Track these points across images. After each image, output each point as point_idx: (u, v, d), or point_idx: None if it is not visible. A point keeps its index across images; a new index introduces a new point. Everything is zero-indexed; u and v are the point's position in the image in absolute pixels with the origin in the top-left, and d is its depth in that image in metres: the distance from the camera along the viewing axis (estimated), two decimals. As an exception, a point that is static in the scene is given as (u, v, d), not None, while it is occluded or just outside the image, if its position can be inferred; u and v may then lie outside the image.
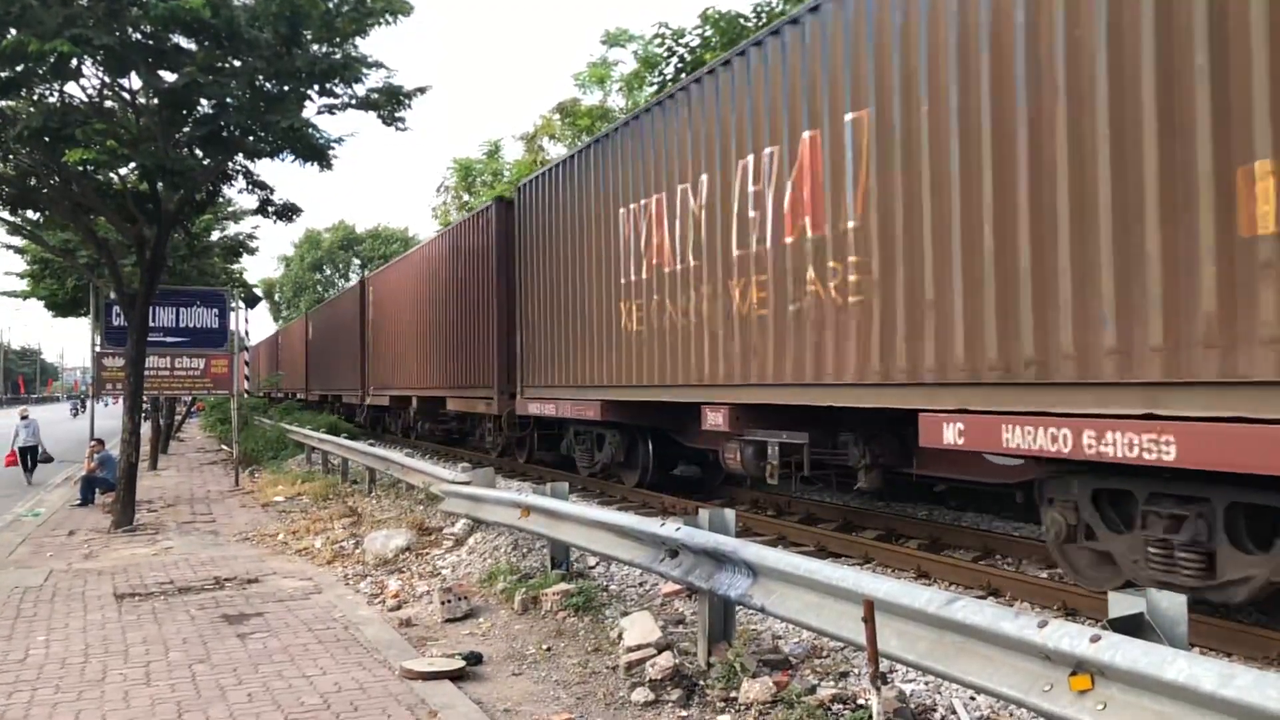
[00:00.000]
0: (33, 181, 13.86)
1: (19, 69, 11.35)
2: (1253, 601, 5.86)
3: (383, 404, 26.05)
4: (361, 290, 28.78)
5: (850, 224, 8.11)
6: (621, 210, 12.21)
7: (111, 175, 14.28)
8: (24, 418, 22.38)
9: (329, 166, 13.69)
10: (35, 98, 12.65)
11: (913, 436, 7.47)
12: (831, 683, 5.47)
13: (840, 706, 5.04)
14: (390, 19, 12.57)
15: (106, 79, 12.53)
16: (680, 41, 22.18)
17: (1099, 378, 5.97)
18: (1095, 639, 3.35)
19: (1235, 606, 6.02)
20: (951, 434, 6.92)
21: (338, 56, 12.64)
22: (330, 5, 12.14)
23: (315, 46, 12.54)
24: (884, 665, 4.75)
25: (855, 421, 8.97)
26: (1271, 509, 5.55)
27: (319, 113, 13.31)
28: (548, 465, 16.40)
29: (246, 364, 26.23)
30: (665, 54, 22.95)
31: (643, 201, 11.68)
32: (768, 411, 9.66)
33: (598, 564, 8.69)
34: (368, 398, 27.25)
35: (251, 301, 31.01)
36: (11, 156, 13.49)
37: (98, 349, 18.55)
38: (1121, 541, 6.42)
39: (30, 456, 21.39)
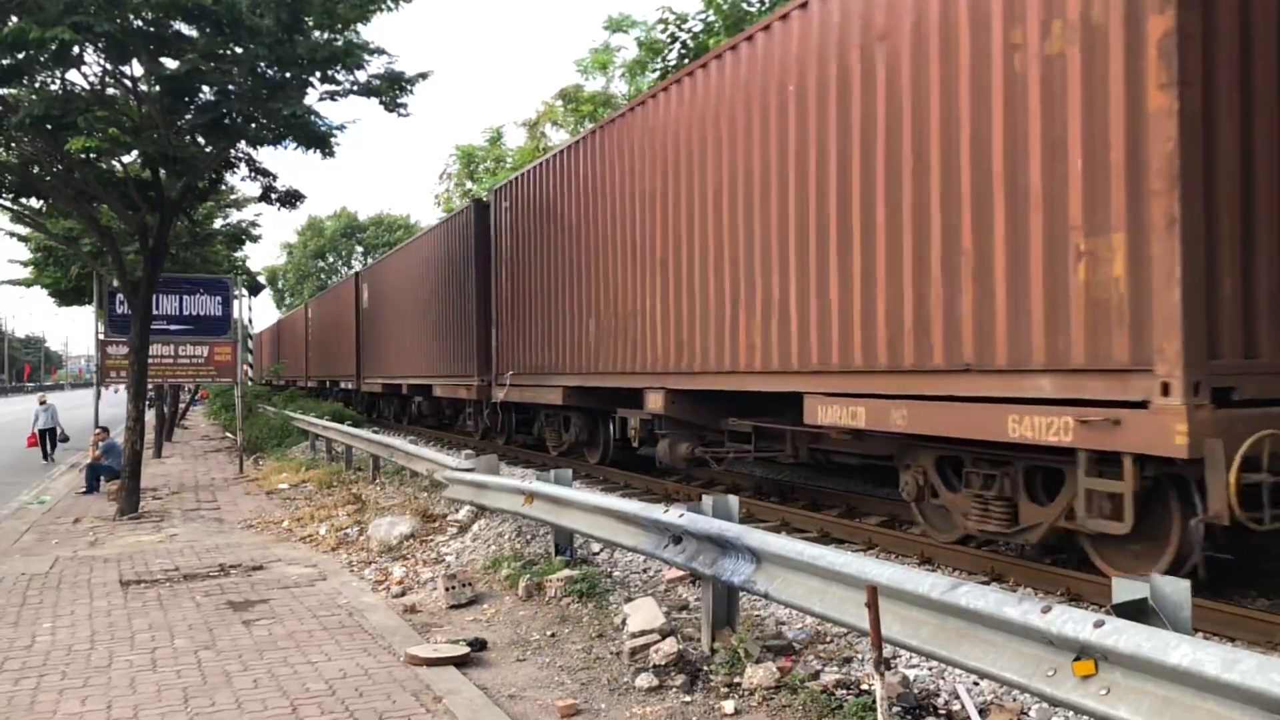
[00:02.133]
0: (35, 169, 13.84)
1: (20, 56, 11.32)
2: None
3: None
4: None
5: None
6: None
7: (114, 163, 14.25)
8: (43, 403, 24.53)
9: (331, 153, 13.65)
10: (37, 85, 12.63)
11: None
12: (835, 668, 5.48)
13: (844, 692, 5.05)
14: (392, 5, 12.52)
15: (108, 66, 12.50)
16: (683, 26, 22.07)
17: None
18: (1099, 624, 3.35)
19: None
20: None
21: (339, 43, 12.60)
22: (331, -9, 12.11)
23: (317, 33, 12.49)
24: (887, 651, 4.76)
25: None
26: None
27: (321, 99, 13.32)
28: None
29: (250, 351, 26.54)
30: (668, 39, 22.84)
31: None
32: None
33: (601, 550, 8.70)
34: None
35: (254, 289, 31.12)
36: (14, 144, 13.48)
37: (101, 337, 18.57)
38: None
39: (49, 438, 23.59)
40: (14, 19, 10.73)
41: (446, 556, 9.46)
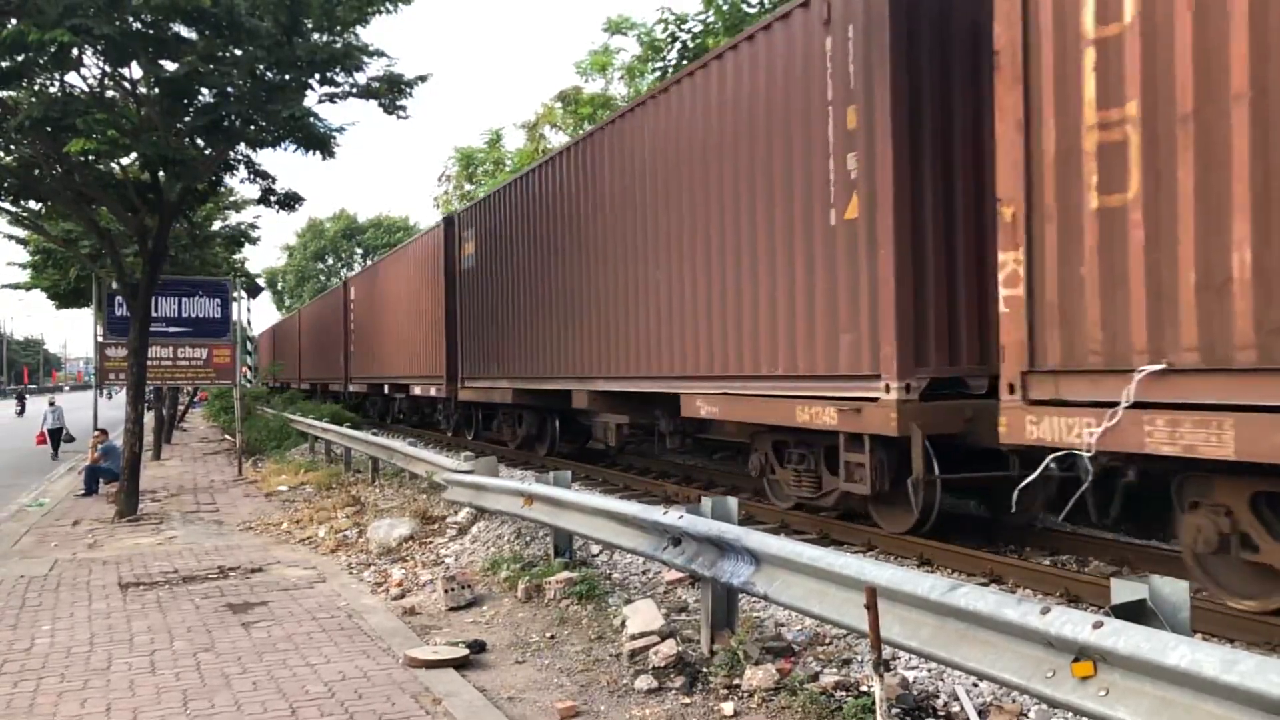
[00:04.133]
0: (35, 172, 13.84)
1: (19, 59, 11.32)
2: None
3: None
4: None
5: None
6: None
7: (113, 165, 14.25)
8: (52, 404, 26.44)
9: (331, 155, 13.66)
10: (36, 88, 12.63)
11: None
12: (834, 670, 5.48)
13: (843, 694, 5.05)
14: (391, 7, 12.53)
15: (107, 68, 12.50)
16: (683, 27, 22.07)
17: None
18: (1098, 625, 3.35)
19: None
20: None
21: (338, 45, 12.60)
22: (330, -6, 12.12)
23: (316, 35, 12.50)
24: (887, 652, 4.76)
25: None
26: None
27: (320, 102, 13.28)
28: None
29: (250, 354, 26.85)
30: (668, 40, 22.84)
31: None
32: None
33: (600, 552, 8.70)
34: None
35: (254, 291, 31.30)
36: (13, 147, 13.48)
37: (100, 339, 18.56)
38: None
39: (56, 437, 25.47)
40: (13, 21, 10.73)
41: (446, 558, 9.46)
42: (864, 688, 5.08)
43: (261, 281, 43.70)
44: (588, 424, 15.72)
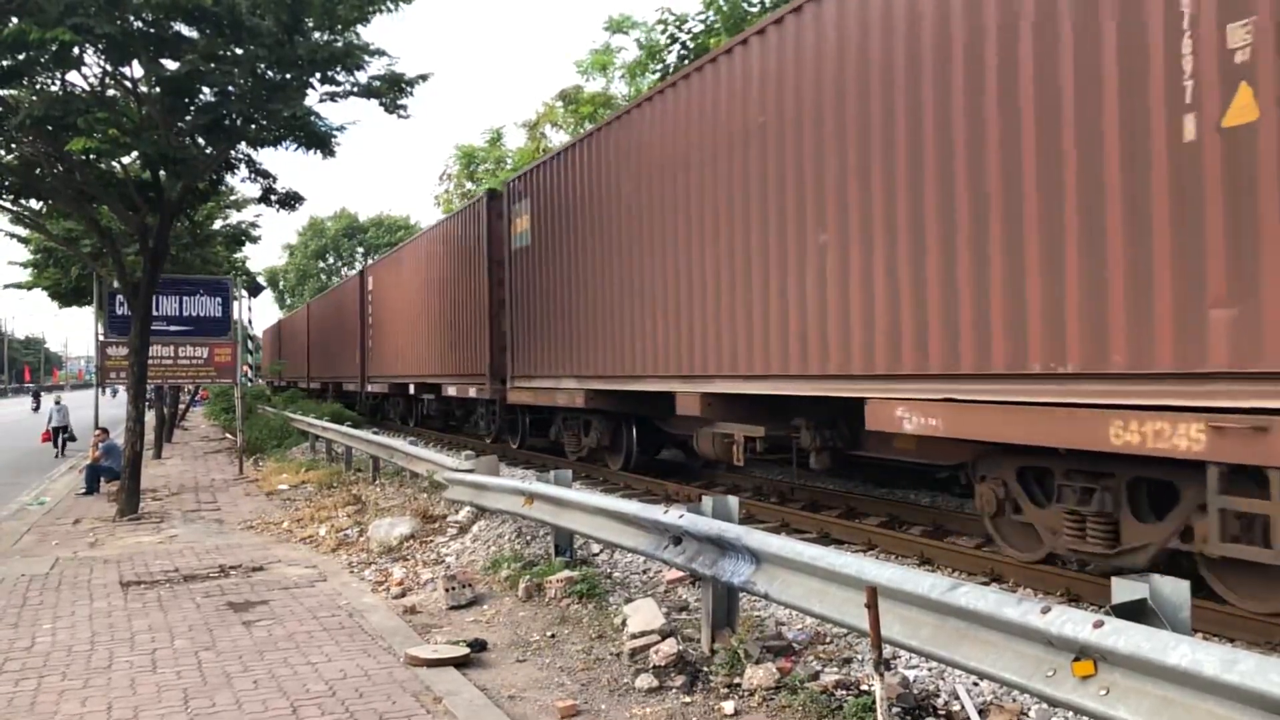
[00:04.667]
0: (36, 170, 13.84)
1: (20, 58, 11.31)
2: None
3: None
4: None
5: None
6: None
7: (114, 164, 14.24)
8: (57, 403, 26.74)
9: (331, 154, 13.67)
10: (37, 86, 12.63)
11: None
12: (835, 669, 5.48)
13: (843, 692, 5.05)
14: (392, 6, 12.51)
15: (108, 67, 12.50)
16: (683, 27, 22.07)
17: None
18: (1098, 624, 3.36)
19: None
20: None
21: (339, 44, 12.60)
22: (331, -7, 12.12)
23: (317, 34, 12.49)
24: (887, 651, 4.77)
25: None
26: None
27: (321, 100, 13.28)
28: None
29: (251, 353, 26.77)
30: (668, 40, 22.84)
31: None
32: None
33: (601, 551, 8.70)
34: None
35: (254, 290, 31.27)
36: (14, 146, 13.48)
37: (101, 338, 18.57)
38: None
39: (61, 435, 25.79)
40: (14, 20, 10.73)
41: (446, 557, 9.47)
42: (864, 687, 5.08)
43: (262, 280, 43.64)
44: (678, 434, 13.04)
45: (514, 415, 17.92)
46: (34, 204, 15.81)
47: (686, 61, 20.31)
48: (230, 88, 12.27)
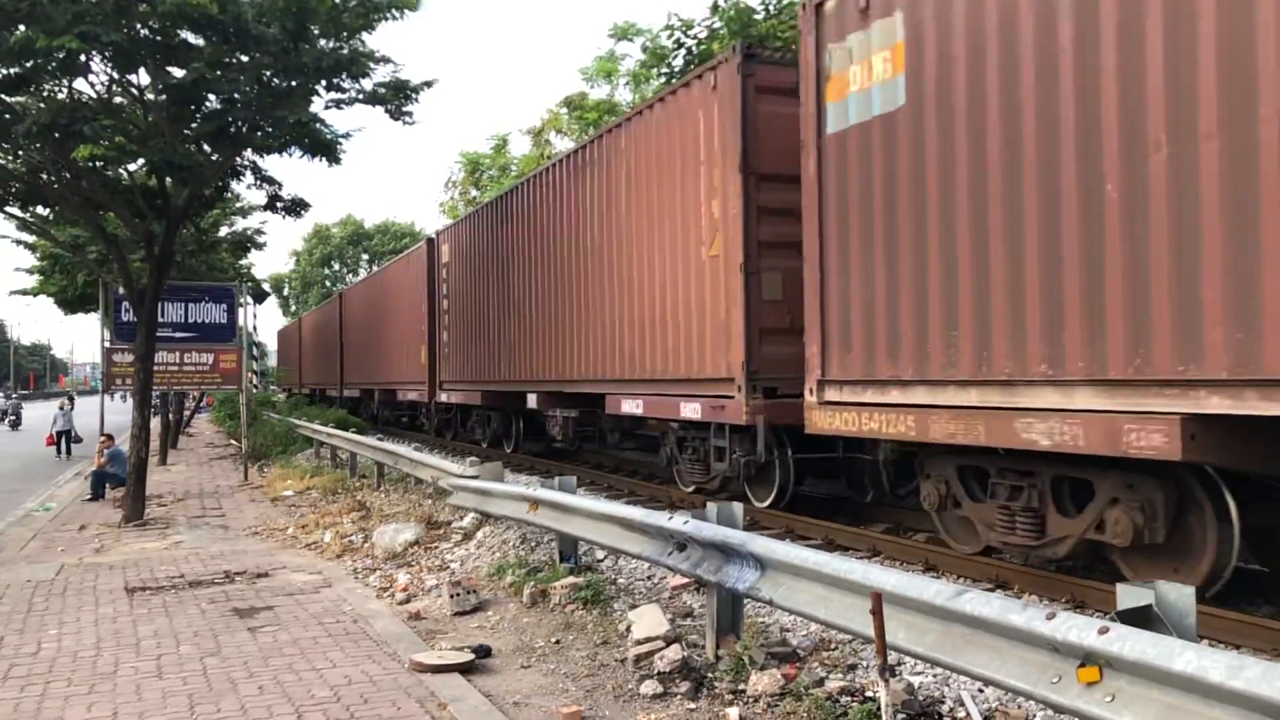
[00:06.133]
0: (43, 177, 13.90)
1: (28, 65, 11.37)
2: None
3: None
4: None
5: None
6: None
7: (120, 171, 14.30)
8: (61, 407, 27.36)
9: (337, 161, 13.69)
10: (44, 94, 12.68)
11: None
12: (840, 675, 5.48)
13: (848, 699, 5.04)
14: (397, 14, 12.57)
15: (115, 75, 12.55)
16: (689, 33, 22.09)
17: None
18: (1103, 630, 3.35)
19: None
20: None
21: (345, 51, 12.63)
22: (337, 1, 12.15)
23: (322, 42, 12.53)
24: (892, 657, 4.76)
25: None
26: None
27: (326, 108, 13.32)
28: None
29: (256, 359, 27.23)
30: (673, 46, 22.86)
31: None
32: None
33: (606, 557, 8.70)
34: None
35: (259, 296, 31.45)
36: (21, 153, 13.53)
37: (107, 344, 18.60)
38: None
39: (65, 439, 26.45)
40: (21, 28, 10.78)
41: (451, 563, 9.47)
42: (869, 693, 5.08)
43: (267, 287, 43.70)
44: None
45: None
46: (40, 210, 15.87)
47: (691, 66, 20.32)
48: (236, 95, 12.31)
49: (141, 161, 13.43)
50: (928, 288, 7.35)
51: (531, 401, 15.69)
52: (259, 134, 13.05)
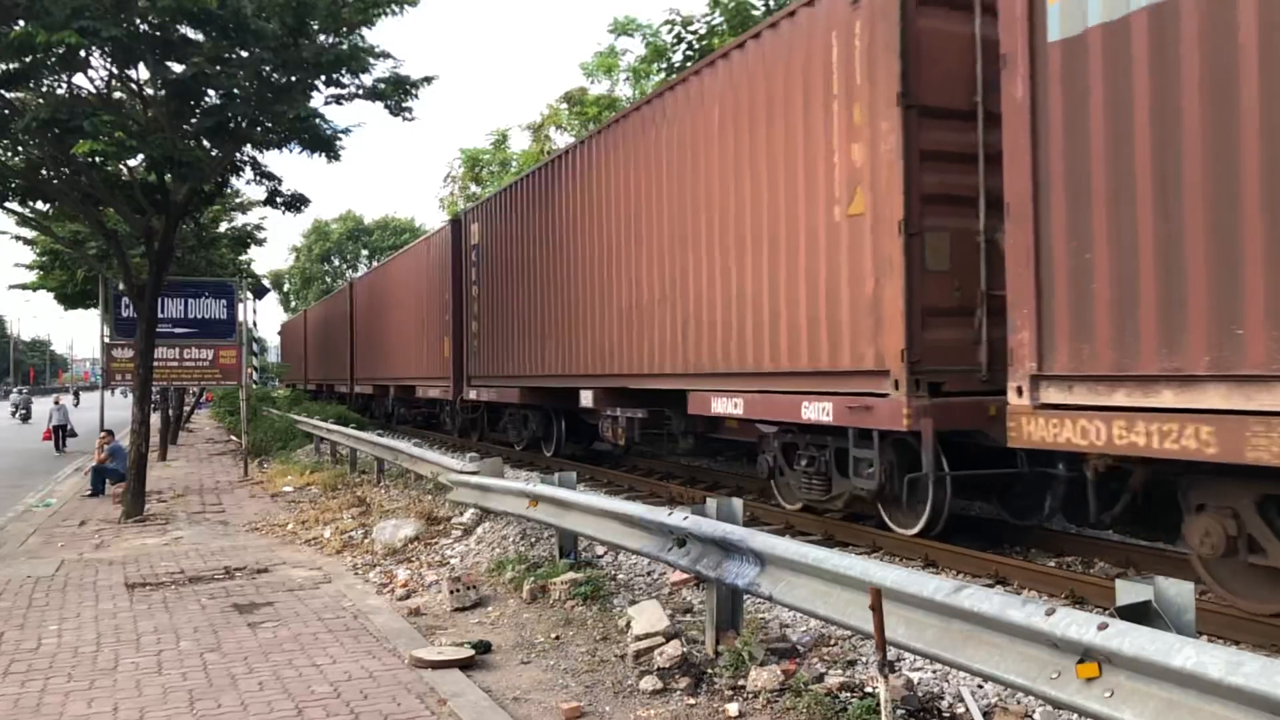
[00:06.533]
0: (42, 173, 13.89)
1: (27, 60, 11.37)
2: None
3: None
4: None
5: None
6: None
7: (120, 166, 14.28)
8: (57, 403, 28.43)
9: (337, 157, 13.68)
10: (43, 89, 12.67)
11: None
12: (839, 671, 5.48)
13: (848, 694, 5.05)
14: (397, 9, 12.54)
15: (114, 70, 12.55)
16: (689, 29, 22.07)
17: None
18: (1103, 626, 3.35)
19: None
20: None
21: (344, 47, 12.62)
22: (336, -4, 12.15)
23: (322, 37, 12.52)
24: (892, 653, 4.76)
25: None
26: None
27: (326, 103, 13.31)
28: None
29: (256, 355, 27.12)
30: (674, 41, 22.83)
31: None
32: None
33: (606, 553, 8.71)
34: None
35: (259, 292, 31.35)
36: (21, 148, 13.52)
37: (107, 340, 18.60)
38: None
39: (61, 433, 27.23)
40: (20, 23, 10.77)
41: (451, 559, 9.48)
42: (869, 689, 5.08)
43: (267, 283, 43.69)
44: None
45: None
46: (40, 206, 15.86)
47: (690, 62, 20.30)
48: (235, 90, 12.30)
49: (141, 157, 13.40)
50: (1239, 243, 5.25)
51: (586, 399, 13.66)
52: (258, 129, 13.05)
